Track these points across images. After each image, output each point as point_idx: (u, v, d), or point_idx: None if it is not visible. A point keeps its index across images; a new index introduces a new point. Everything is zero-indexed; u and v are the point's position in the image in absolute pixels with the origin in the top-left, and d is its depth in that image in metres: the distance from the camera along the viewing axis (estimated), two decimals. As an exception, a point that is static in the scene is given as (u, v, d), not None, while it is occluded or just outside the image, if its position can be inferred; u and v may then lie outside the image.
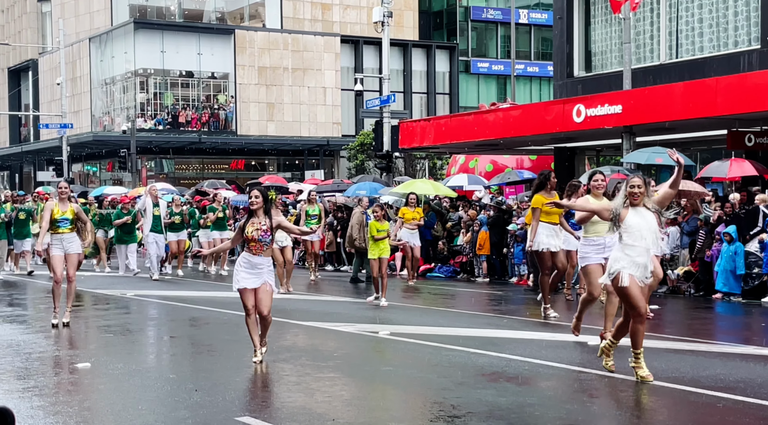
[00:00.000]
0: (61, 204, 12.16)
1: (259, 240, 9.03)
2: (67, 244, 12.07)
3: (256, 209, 9.11)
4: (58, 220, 12.02)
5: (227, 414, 6.94)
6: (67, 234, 12.07)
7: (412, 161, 39.28)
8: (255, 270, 9.08)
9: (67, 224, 12.07)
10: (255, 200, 9.13)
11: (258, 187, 9.39)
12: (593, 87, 23.77)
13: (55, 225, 12.01)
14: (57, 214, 12.02)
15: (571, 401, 7.55)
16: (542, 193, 12.83)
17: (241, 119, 50.10)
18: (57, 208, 12.09)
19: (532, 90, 59.09)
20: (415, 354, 10.17)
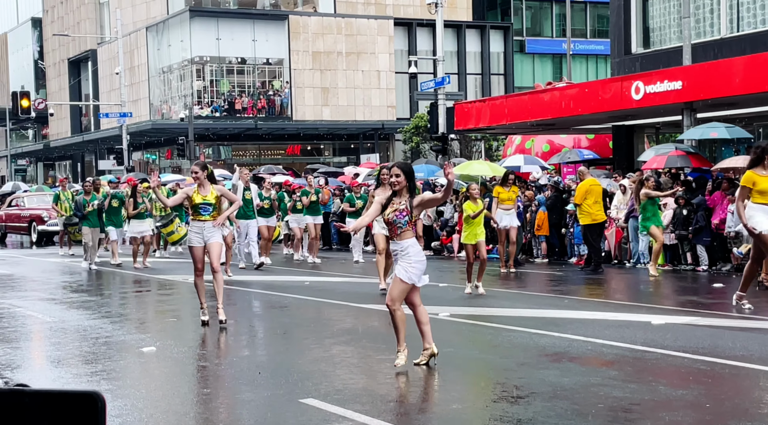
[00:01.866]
0: (201, 188, 10.74)
1: (394, 222, 7.91)
2: (207, 233, 10.67)
3: (399, 189, 7.92)
4: (200, 206, 10.66)
5: (291, 396, 7.00)
6: (209, 222, 10.67)
7: (468, 143, 39.10)
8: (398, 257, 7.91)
9: (209, 210, 10.69)
10: (397, 179, 7.92)
11: (399, 164, 8.23)
12: (652, 63, 23.39)
13: (196, 212, 10.68)
14: (197, 199, 10.65)
15: (636, 381, 7.46)
16: (757, 170, 10.94)
17: (296, 104, 50.32)
18: (197, 193, 10.70)
19: (589, 68, 58.34)
20: (476, 335, 10.15)
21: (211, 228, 10.67)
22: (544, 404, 6.63)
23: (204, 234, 10.66)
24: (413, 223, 7.91)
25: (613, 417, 6.32)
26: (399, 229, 7.83)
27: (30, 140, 77.28)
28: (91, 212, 19.17)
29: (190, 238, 10.77)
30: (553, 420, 6.14)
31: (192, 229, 10.73)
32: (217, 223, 10.69)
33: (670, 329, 9.90)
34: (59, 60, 67.68)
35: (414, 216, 7.81)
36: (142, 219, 19.45)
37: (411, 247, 7.80)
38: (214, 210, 10.68)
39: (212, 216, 10.69)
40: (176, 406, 6.79)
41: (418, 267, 7.83)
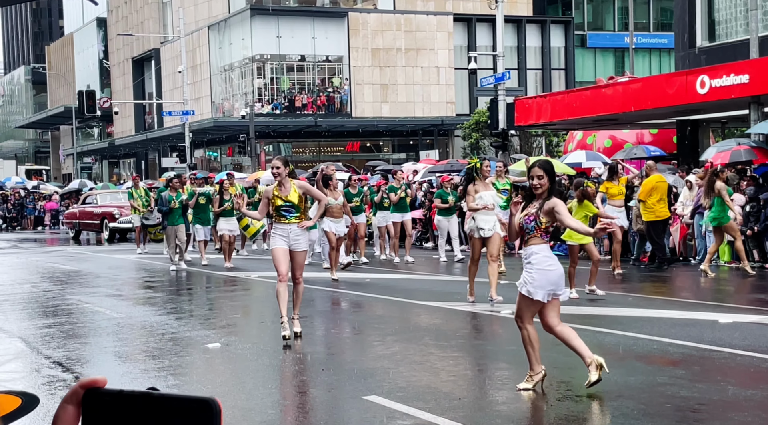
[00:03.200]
0: (281, 187, 9.52)
1: (522, 227, 7.07)
2: (293, 238, 9.50)
3: (540, 192, 7.04)
4: (281, 208, 9.48)
5: (355, 393, 7.04)
6: (294, 224, 9.49)
7: (528, 139, 38.86)
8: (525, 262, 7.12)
9: (293, 213, 9.50)
10: (539, 182, 7.02)
11: (540, 162, 7.25)
12: (717, 57, 22.99)
13: (278, 214, 9.54)
14: (278, 201, 9.47)
15: (703, 380, 7.35)
16: None
17: (356, 101, 50.49)
18: (277, 194, 9.50)
19: (652, 62, 57.51)
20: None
21: (297, 231, 9.51)
22: (609, 403, 6.57)
23: (290, 238, 9.52)
24: (543, 230, 7.01)
25: (681, 417, 6.23)
26: (527, 234, 7.04)
27: (95, 138, 78.79)
28: (176, 209, 18.28)
29: (273, 239, 9.68)
30: (619, 420, 6.08)
31: (276, 231, 9.65)
32: (303, 226, 9.57)
33: (738, 328, 9.72)
34: (123, 59, 68.88)
35: (543, 223, 6.96)
36: (230, 217, 18.96)
37: (534, 255, 6.96)
38: (298, 212, 9.52)
39: (298, 219, 9.52)
40: (241, 402, 6.87)
41: (538, 278, 6.86)
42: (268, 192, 9.65)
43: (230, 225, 18.94)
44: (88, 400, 1.03)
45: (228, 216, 18.95)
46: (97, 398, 1.03)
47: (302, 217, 9.57)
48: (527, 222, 7.01)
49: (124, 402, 1.02)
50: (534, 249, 6.96)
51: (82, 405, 1.03)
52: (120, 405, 1.02)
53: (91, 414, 1.03)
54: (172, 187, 18.54)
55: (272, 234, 9.78)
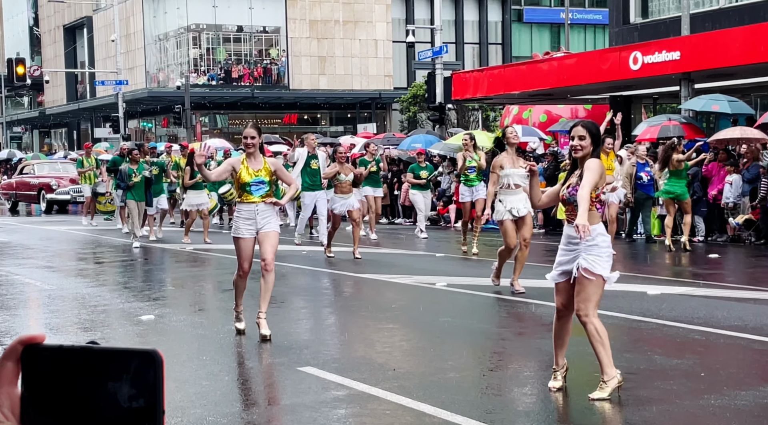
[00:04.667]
0: (251, 160, 8.23)
1: (569, 201, 6.08)
2: (261, 220, 8.14)
3: (581, 156, 6.05)
4: (250, 184, 8.14)
5: (290, 364, 7.05)
6: (261, 204, 8.18)
7: (465, 113, 39.02)
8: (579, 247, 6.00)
9: (262, 189, 8.20)
10: (580, 143, 6.03)
11: (584, 122, 6.25)
12: (650, 33, 23.32)
13: (245, 191, 8.18)
14: (247, 176, 8.15)
15: (631, 350, 7.53)
16: None
17: (293, 73, 50.14)
18: (245, 166, 8.18)
19: (587, 38, 58.08)
20: (473, 305, 10.21)
21: (265, 211, 8.17)
22: (540, 373, 6.69)
23: (257, 221, 8.14)
24: (596, 201, 6.00)
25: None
26: (578, 210, 5.89)
27: (25, 107, 76.96)
28: (138, 183, 16.98)
29: (236, 226, 8.29)
30: (549, 389, 6.20)
31: (239, 215, 8.23)
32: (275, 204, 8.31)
33: (665, 299, 9.96)
34: (54, 27, 67.24)
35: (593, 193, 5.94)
36: (200, 190, 17.71)
37: (599, 236, 5.95)
38: (269, 188, 8.26)
39: (266, 195, 8.24)
40: (175, 373, 6.84)
41: (609, 261, 6.00)
42: (235, 163, 8.27)
43: (200, 199, 17.76)
44: (28, 356, 1.03)
45: (198, 189, 17.75)
46: (37, 354, 1.03)
47: (270, 194, 8.31)
48: (572, 194, 5.99)
49: (64, 357, 1.02)
50: (598, 230, 5.95)
51: (21, 361, 1.03)
52: (60, 360, 1.02)
53: (31, 370, 1.03)
54: (133, 159, 17.20)
55: (235, 217, 8.37)
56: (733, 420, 5.48)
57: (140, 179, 16.92)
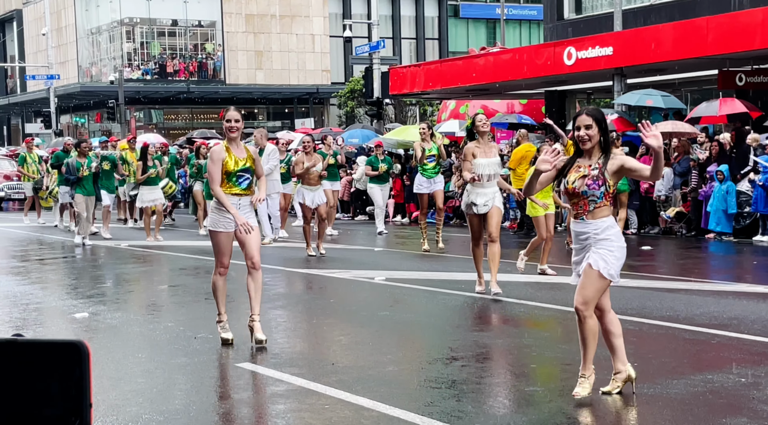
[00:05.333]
0: (234, 146, 7.59)
1: (583, 194, 5.64)
2: (245, 214, 7.53)
3: (590, 147, 5.69)
4: (236, 173, 7.51)
5: (227, 360, 7.01)
6: (245, 197, 7.58)
7: (403, 108, 39.13)
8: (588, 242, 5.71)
9: (246, 180, 7.57)
10: (587, 132, 5.65)
11: (589, 110, 5.82)
12: (584, 29, 23.65)
13: (231, 182, 7.51)
14: (232, 164, 7.50)
15: (567, 341, 7.63)
16: None
17: (230, 68, 49.72)
18: (230, 154, 7.53)
19: (522, 33, 58.65)
20: (411, 298, 10.25)
21: (247, 206, 7.61)
22: (478, 365, 6.74)
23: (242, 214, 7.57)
24: (611, 195, 5.70)
25: (546, 377, 6.46)
26: (591, 203, 5.64)
27: (-47, 103, 75.03)
28: (87, 177, 16.23)
29: (213, 220, 7.58)
30: (487, 381, 6.26)
31: (219, 207, 7.53)
32: (256, 200, 7.69)
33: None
34: (-17, 20, 65.66)
35: (611, 185, 5.66)
36: (153, 186, 17.22)
37: (610, 229, 5.67)
38: (252, 180, 7.63)
39: (249, 189, 7.59)
40: (110, 371, 6.75)
41: (620, 256, 5.73)
42: (219, 153, 7.53)
43: (154, 195, 17.20)
44: None
45: (152, 184, 17.18)
46: None
47: (252, 188, 7.67)
48: (593, 186, 5.60)
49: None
50: (609, 222, 5.66)
51: None
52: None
53: None
54: (81, 152, 16.48)
55: (214, 209, 7.60)
56: (665, 408, 5.59)
57: (89, 173, 16.23)
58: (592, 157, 5.67)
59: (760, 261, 13.08)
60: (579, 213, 5.65)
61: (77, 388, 0.97)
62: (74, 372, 0.97)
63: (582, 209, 5.64)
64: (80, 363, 0.96)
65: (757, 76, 18.77)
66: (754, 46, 16.99)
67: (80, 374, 0.97)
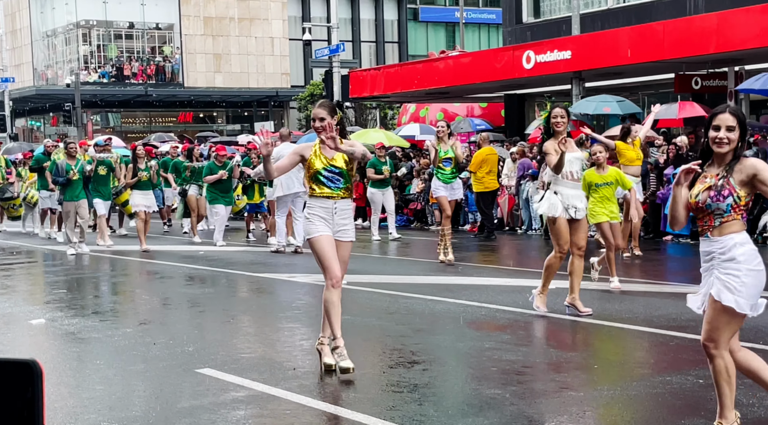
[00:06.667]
0: (324, 146, 6.61)
1: (707, 208, 4.72)
2: (340, 220, 6.62)
3: (726, 152, 4.70)
4: (321, 174, 6.62)
5: (187, 366, 6.94)
6: (340, 201, 6.64)
7: (363, 111, 39.13)
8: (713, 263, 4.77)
9: (338, 182, 6.64)
10: (727, 135, 4.66)
11: (732, 108, 4.78)
12: (542, 33, 23.81)
13: (318, 182, 6.62)
14: (318, 163, 6.62)
15: (527, 344, 7.67)
16: None
17: (188, 71, 49.39)
18: (317, 154, 6.64)
19: (481, 37, 58.97)
20: (373, 302, 10.23)
21: (344, 211, 6.66)
22: (439, 368, 6.74)
23: (334, 220, 6.59)
24: (743, 208, 4.72)
25: (507, 380, 6.48)
26: (717, 218, 4.70)
27: None
28: (76, 180, 15.13)
29: (310, 222, 6.59)
30: (448, 384, 6.26)
31: (312, 210, 6.61)
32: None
33: (560, 293, 10.16)
34: (-65, 22, 64.60)
35: (743, 198, 4.68)
36: (146, 190, 16.36)
37: (738, 247, 4.68)
38: (346, 182, 6.65)
39: (346, 191, 6.67)
40: (68, 378, 6.65)
41: (750, 282, 4.67)
42: (304, 149, 6.69)
43: (147, 200, 16.33)
44: None
45: (144, 188, 16.31)
46: None
47: (350, 189, 6.74)
48: (716, 199, 4.68)
49: None
50: (737, 239, 4.68)
51: None
52: None
53: None
54: (69, 153, 15.38)
55: (307, 214, 6.69)
56: (625, 410, 5.63)
57: (79, 176, 15.33)
58: (722, 164, 4.73)
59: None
60: (704, 229, 4.76)
61: (29, 409, 0.93)
62: (26, 392, 0.93)
63: (707, 224, 4.74)
64: (33, 383, 0.92)
65: (713, 80, 19.04)
66: (709, 50, 17.23)
67: (32, 394, 0.93)
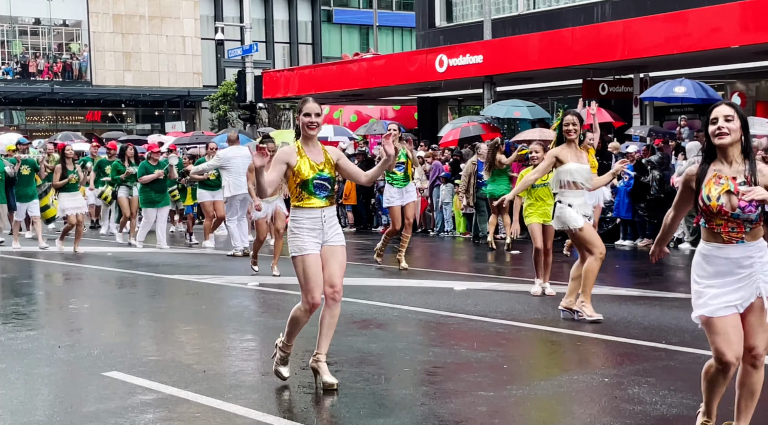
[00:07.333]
0: (309, 148, 6.14)
1: (734, 218, 4.42)
2: (330, 230, 6.17)
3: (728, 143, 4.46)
4: (311, 182, 6.06)
5: (93, 369, 6.79)
6: (328, 209, 6.16)
7: (277, 112, 38.91)
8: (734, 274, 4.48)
9: (328, 190, 6.14)
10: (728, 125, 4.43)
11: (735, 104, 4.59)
12: (455, 37, 24.05)
13: (308, 191, 6.06)
14: (308, 170, 6.05)
15: (439, 345, 7.73)
16: None
17: (96, 69, 48.34)
18: (305, 157, 6.08)
19: (395, 40, 59.25)
20: (285, 304, 10.17)
21: (332, 218, 6.21)
22: (351, 370, 6.75)
23: (324, 230, 6.14)
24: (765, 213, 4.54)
25: (419, 380, 6.52)
26: (746, 226, 4.44)
27: None
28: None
29: (297, 236, 6.09)
30: (360, 385, 6.27)
31: (299, 222, 6.10)
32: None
33: (471, 295, 10.30)
34: None
35: None
36: (74, 192, 15.65)
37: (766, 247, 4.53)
38: (332, 190, 6.17)
39: (331, 201, 6.18)
40: (-32, 384, 6.43)
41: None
42: (288, 155, 6.07)
43: (76, 202, 15.66)
44: None
45: (72, 190, 15.66)
46: None
47: (334, 196, 6.32)
48: (748, 210, 4.38)
49: None
50: (760, 244, 4.49)
51: None
52: None
53: None
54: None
55: (293, 228, 6.12)
56: (533, 409, 5.72)
57: (2, 177, 14.62)
58: (732, 163, 4.46)
59: (621, 265, 13.57)
60: (733, 237, 4.43)
61: None
62: None
63: (735, 232, 4.43)
64: None
65: (619, 86, 19.52)
66: (615, 57, 17.67)
67: None
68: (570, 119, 8.50)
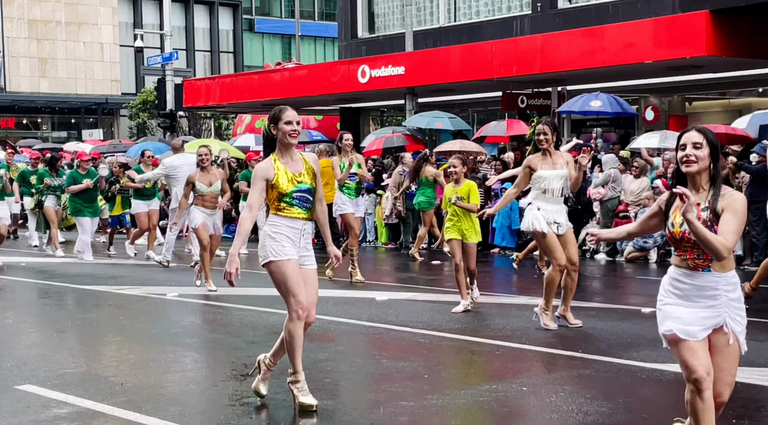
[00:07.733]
0: (286, 159, 5.93)
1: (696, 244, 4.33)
2: (304, 246, 5.92)
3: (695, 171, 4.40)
4: (292, 195, 5.82)
5: (6, 382, 6.62)
6: (309, 224, 5.98)
7: (197, 121, 38.51)
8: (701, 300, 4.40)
9: (309, 202, 5.90)
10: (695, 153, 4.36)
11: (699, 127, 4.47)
12: (377, 48, 24.17)
13: (286, 202, 5.82)
14: (287, 183, 5.81)
15: (361, 355, 7.75)
16: None
17: (11, 75, 47.19)
18: (282, 171, 5.84)
19: (317, 50, 59.28)
20: (206, 315, 10.09)
21: (309, 234, 6.02)
22: (272, 380, 6.71)
23: (301, 247, 5.88)
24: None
25: (339, 391, 6.53)
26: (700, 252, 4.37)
27: None
28: None
29: (276, 243, 5.80)
30: (281, 397, 6.24)
31: (278, 229, 5.82)
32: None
33: (392, 305, 10.34)
34: None
35: None
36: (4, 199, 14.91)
37: (738, 286, 4.46)
38: (313, 201, 5.94)
39: (311, 214, 5.94)
40: None
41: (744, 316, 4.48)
42: (265, 170, 5.83)
43: (1, 212, 14.79)
44: None
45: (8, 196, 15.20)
46: None
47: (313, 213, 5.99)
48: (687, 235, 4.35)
49: None
50: (736, 276, 4.44)
51: None
52: None
53: None
54: None
55: (272, 233, 5.82)
56: (453, 418, 5.77)
57: None
58: (699, 189, 4.40)
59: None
60: (698, 264, 4.35)
61: None
62: None
63: (701, 258, 4.34)
64: None
65: (537, 99, 19.87)
66: (534, 70, 17.98)
67: None
68: (541, 128, 8.67)
